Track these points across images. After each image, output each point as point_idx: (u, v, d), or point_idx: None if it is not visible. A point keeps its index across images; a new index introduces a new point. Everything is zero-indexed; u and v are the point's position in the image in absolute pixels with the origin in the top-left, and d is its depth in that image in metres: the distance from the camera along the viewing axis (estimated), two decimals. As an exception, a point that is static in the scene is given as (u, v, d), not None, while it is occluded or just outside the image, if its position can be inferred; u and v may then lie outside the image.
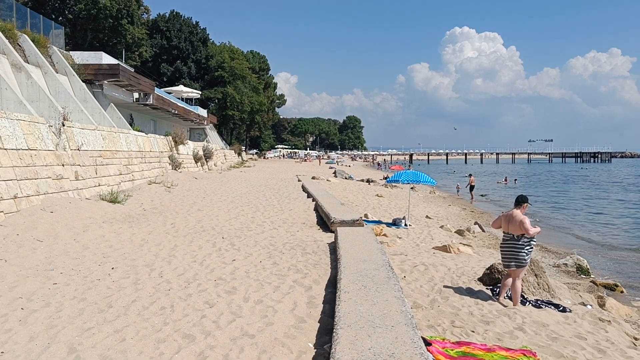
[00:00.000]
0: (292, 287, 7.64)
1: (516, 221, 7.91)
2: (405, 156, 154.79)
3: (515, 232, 7.95)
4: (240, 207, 17.32)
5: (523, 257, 7.94)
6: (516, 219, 7.92)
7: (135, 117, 36.02)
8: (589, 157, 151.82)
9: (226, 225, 13.38)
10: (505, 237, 8.15)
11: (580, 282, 12.47)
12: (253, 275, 8.31)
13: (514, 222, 7.95)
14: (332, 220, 13.44)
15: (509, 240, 8.05)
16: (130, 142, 21.99)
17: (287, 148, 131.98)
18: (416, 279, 9.11)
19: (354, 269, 7.58)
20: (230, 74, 73.29)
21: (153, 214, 14.41)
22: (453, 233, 18.40)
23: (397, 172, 19.47)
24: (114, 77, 25.18)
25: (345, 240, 9.99)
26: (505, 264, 8.16)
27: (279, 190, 24.36)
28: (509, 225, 8.04)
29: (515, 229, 7.94)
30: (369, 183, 38.57)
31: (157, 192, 19.33)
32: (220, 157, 50.56)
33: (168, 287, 7.39)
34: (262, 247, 10.73)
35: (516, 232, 7.93)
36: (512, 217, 8.01)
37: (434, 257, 11.62)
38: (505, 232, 8.14)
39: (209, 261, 9.22)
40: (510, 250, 8.01)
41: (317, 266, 9.05)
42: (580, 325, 7.60)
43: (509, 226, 8.03)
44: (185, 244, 10.69)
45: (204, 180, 26.93)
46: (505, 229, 8.14)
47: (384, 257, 8.50)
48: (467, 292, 8.45)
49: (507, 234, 8.10)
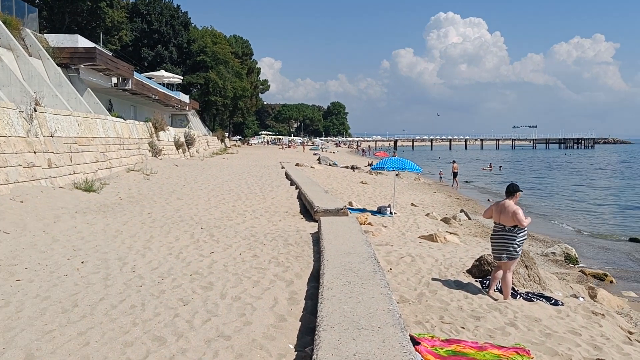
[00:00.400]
0: (273, 282, 7.23)
1: (508, 212, 7.54)
2: (390, 142, 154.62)
3: (507, 223, 7.58)
4: (221, 195, 16.83)
5: (515, 249, 7.59)
6: (508, 210, 7.55)
7: (115, 102, 35.14)
8: (573, 143, 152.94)
9: (206, 215, 12.90)
10: (497, 228, 7.78)
11: (570, 271, 12.23)
12: (232, 268, 7.88)
13: (506, 213, 7.58)
14: (315, 209, 13.03)
15: (500, 231, 7.69)
16: (108, 128, 21.31)
17: (271, 134, 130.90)
18: (403, 271, 8.75)
19: (338, 263, 7.18)
20: (212, 59, 72.17)
21: (130, 203, 13.87)
22: (439, 221, 18.11)
23: (382, 160, 19.08)
24: (91, 60, 24.36)
25: (329, 231, 9.59)
26: (496, 255, 7.81)
27: (262, 177, 23.87)
28: (500, 215, 7.67)
29: (507, 219, 7.57)
30: (353, 170, 38.20)
31: (136, 180, 18.75)
32: (202, 144, 49.82)
33: (140, 283, 6.92)
34: (243, 238, 10.28)
35: (508, 223, 7.57)
36: (504, 208, 7.64)
37: (420, 247, 11.28)
38: (497, 223, 7.77)
39: (186, 254, 8.76)
40: (502, 241, 7.65)
41: (300, 258, 8.63)
42: (574, 319, 7.29)
43: (501, 217, 7.66)
44: (162, 235, 10.21)
45: (185, 167, 26.34)
46: (496, 219, 7.77)
47: (369, 249, 8.11)
48: (456, 285, 8.11)
49: (499, 225, 7.73)
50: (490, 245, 7.96)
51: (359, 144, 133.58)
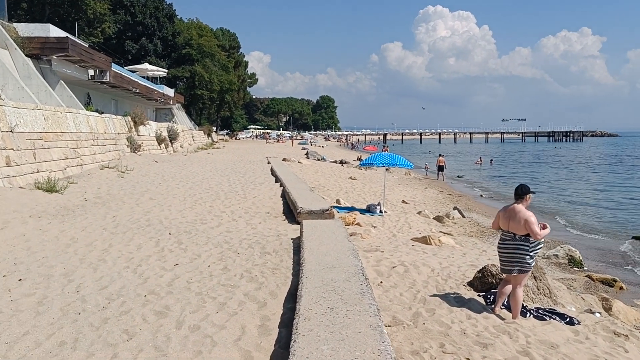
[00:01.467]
0: (242, 304, 6.09)
1: (519, 219, 6.43)
2: (379, 136, 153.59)
3: (517, 231, 6.48)
4: (198, 194, 15.64)
5: (527, 261, 6.51)
6: (519, 216, 6.44)
7: (94, 96, 33.72)
8: (561, 137, 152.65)
9: (178, 218, 11.72)
10: (505, 237, 6.66)
11: (575, 277, 11.21)
12: (196, 286, 6.73)
13: (516, 220, 6.48)
14: (298, 210, 11.90)
15: (510, 240, 6.58)
16: (80, 122, 20.00)
17: (259, 128, 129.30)
18: (395, 284, 7.64)
19: (320, 280, 6.06)
20: (198, 52, 70.54)
21: (95, 204, 12.65)
22: (431, 220, 17.07)
23: (371, 155, 17.97)
24: (63, 51, 22.95)
25: (311, 238, 8.46)
26: (505, 268, 6.72)
27: (246, 174, 22.68)
28: (509, 222, 6.56)
29: (517, 227, 6.47)
30: (342, 165, 37.10)
31: (108, 178, 17.49)
32: (187, 139, 48.42)
33: (80, 309, 5.76)
34: (215, 245, 9.12)
35: (519, 231, 6.47)
36: (513, 213, 6.53)
37: (413, 253, 10.20)
38: (505, 231, 6.66)
39: (146, 267, 7.59)
40: (512, 253, 6.56)
41: (277, 271, 7.50)
42: (595, 343, 6.24)
43: (510, 224, 6.55)
44: (123, 243, 9.02)
45: (165, 163, 25.06)
46: (504, 226, 6.66)
47: (357, 261, 6.99)
48: (457, 302, 7.02)
49: (507, 233, 6.62)
50: (498, 256, 6.87)
51: (348, 138, 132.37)
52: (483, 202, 24.39)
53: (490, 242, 14.56)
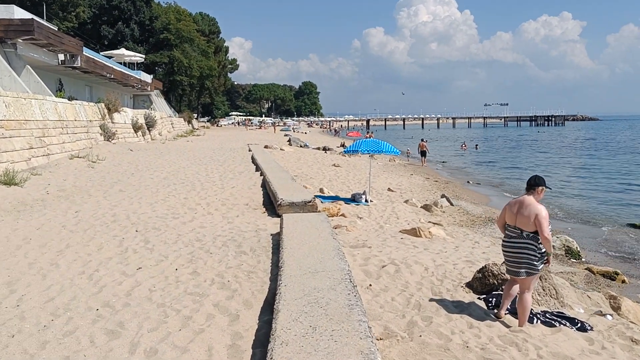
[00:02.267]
0: (211, 318, 5.23)
1: (529, 213, 5.63)
2: (362, 122, 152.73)
3: (525, 227, 5.69)
4: (173, 185, 14.68)
5: (536, 261, 5.73)
6: (529, 210, 5.64)
7: (67, 82, 32.26)
8: (543, 121, 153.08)
9: (147, 212, 10.78)
10: (511, 234, 5.87)
11: (575, 270, 10.53)
12: (158, 295, 5.85)
13: (524, 214, 5.67)
14: (279, 202, 11.04)
15: (517, 238, 5.78)
16: (47, 110, 18.82)
17: (242, 115, 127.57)
18: (386, 286, 6.84)
19: (300, 289, 5.22)
20: (176, 37, 68.76)
21: (57, 198, 11.65)
22: (419, 208, 16.32)
23: (355, 142, 17.11)
24: (28, 34, 21.61)
25: (292, 235, 7.60)
26: (511, 270, 5.93)
27: (225, 162, 21.72)
28: (516, 217, 5.76)
29: (525, 223, 5.67)
30: (325, 151, 36.24)
31: (77, 169, 16.43)
32: (166, 126, 47.11)
33: (15, 330, 4.85)
34: (185, 244, 8.23)
35: (527, 227, 5.67)
36: (522, 206, 5.73)
37: (404, 247, 9.42)
38: (511, 227, 5.87)
39: (104, 272, 6.68)
40: (519, 252, 5.76)
41: (253, 275, 6.64)
42: (613, 354, 5.50)
43: (517, 218, 5.75)
44: (82, 243, 8.09)
45: (141, 152, 23.98)
46: (511, 221, 5.85)
47: (343, 264, 6.15)
48: (456, 307, 6.24)
49: (514, 230, 5.82)
50: (503, 256, 6.08)
51: (331, 124, 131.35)
52: (471, 189, 23.73)
53: (482, 232, 13.88)
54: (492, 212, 17.15)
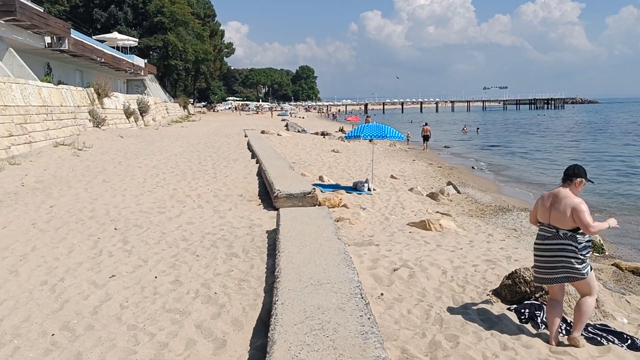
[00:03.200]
0: (191, 345, 4.27)
1: (565, 207, 4.68)
2: (360, 106, 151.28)
3: (562, 224, 4.74)
4: (162, 174, 13.68)
5: (575, 266, 4.76)
6: (565, 204, 4.70)
7: (55, 67, 31.08)
8: (543, 104, 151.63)
9: (131, 206, 9.78)
10: (545, 233, 4.91)
11: (601, 266, 9.57)
12: (130, 314, 4.88)
13: (560, 209, 4.72)
14: (275, 193, 10.05)
15: (551, 238, 4.82)
16: (29, 94, 17.73)
17: (238, 100, 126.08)
18: (399, 295, 5.88)
19: (301, 309, 4.25)
20: (171, 20, 67.20)
21: (33, 191, 10.64)
22: (425, 197, 15.35)
23: (357, 127, 16.09)
24: (9, 14, 20.42)
25: (290, 234, 6.62)
26: (542, 277, 4.98)
27: (220, 148, 20.69)
28: (550, 212, 4.81)
29: (562, 219, 4.72)
30: (324, 136, 35.19)
31: (61, 158, 15.41)
32: (161, 111, 45.97)
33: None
34: (169, 244, 7.25)
35: (564, 224, 4.73)
36: (557, 200, 4.77)
37: (414, 244, 8.46)
38: (545, 225, 4.90)
39: (70, 281, 5.71)
40: (554, 256, 4.81)
41: (244, 285, 5.67)
42: (678, 381, 4.58)
43: (552, 214, 4.80)
44: (51, 244, 7.10)
45: (132, 138, 22.92)
46: (544, 218, 4.90)
47: (352, 272, 5.17)
48: (484, 322, 5.29)
49: (549, 228, 4.86)
50: (534, 260, 5.10)
51: (329, 109, 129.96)
52: (477, 175, 22.77)
53: (493, 222, 12.92)
54: (501, 200, 16.21)
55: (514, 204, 15.47)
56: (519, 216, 13.82)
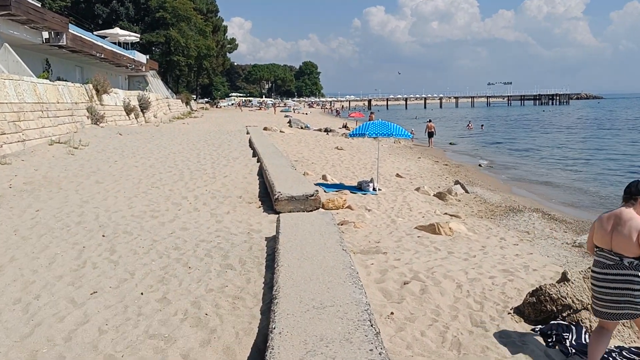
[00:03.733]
0: (174, 382, 3.70)
1: (630, 231, 4.03)
2: (364, 102, 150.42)
3: (626, 252, 4.08)
4: (159, 174, 13.12)
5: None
6: (630, 227, 4.04)
7: (55, 63, 30.51)
8: (547, 100, 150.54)
9: (123, 209, 9.22)
10: (606, 261, 4.20)
11: None
12: (109, 340, 4.31)
13: (623, 233, 4.07)
14: (276, 196, 9.49)
15: (614, 267, 4.15)
16: (23, 91, 17.19)
17: (242, 96, 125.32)
18: (411, 314, 5.30)
19: (301, 339, 3.68)
20: (173, 15, 66.63)
21: (20, 193, 10.09)
22: (432, 197, 14.76)
23: (362, 124, 15.48)
24: (5, 9, 19.85)
25: (291, 245, 6.05)
26: (602, 311, 4.27)
27: (220, 146, 20.13)
28: (612, 237, 4.14)
29: (627, 245, 4.06)
30: (327, 133, 34.59)
31: (55, 156, 14.87)
32: (162, 108, 45.46)
33: None
34: (160, 254, 6.69)
35: (629, 251, 4.06)
36: (620, 223, 4.10)
37: (424, 251, 7.88)
38: (605, 251, 4.23)
39: (46, 299, 5.15)
40: (616, 289, 4.13)
41: (239, 304, 5.09)
42: None
43: (613, 239, 4.13)
44: (31, 255, 6.54)
45: (131, 136, 22.36)
46: (604, 244, 4.22)
47: (359, 293, 4.59)
48: (507, 345, 4.71)
49: (609, 256, 4.18)
50: (592, 291, 4.37)
51: (332, 105, 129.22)
52: (485, 173, 22.15)
53: (504, 224, 12.32)
54: (511, 200, 15.63)
55: (525, 204, 14.89)
56: (531, 217, 13.23)
